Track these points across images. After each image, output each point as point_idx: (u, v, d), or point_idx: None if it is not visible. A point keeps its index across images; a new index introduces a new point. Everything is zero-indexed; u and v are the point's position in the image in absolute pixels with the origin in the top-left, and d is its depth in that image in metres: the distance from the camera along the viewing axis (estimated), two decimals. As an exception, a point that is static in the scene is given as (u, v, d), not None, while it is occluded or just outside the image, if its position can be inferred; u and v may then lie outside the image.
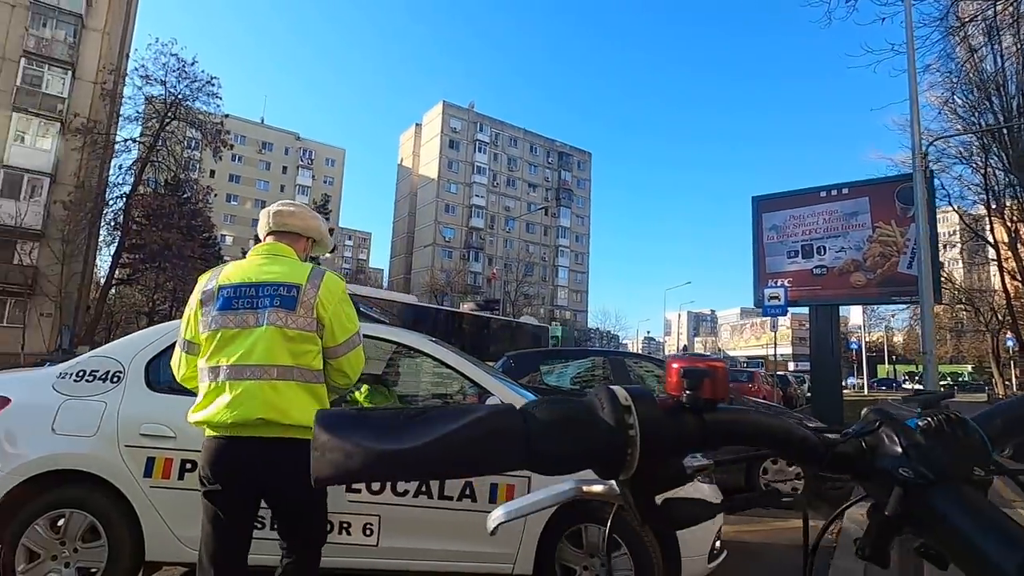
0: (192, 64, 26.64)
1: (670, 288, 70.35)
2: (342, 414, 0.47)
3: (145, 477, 2.65)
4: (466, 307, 22.54)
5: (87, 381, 2.82)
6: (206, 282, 2.05)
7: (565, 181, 70.67)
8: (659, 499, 0.56)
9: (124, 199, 26.62)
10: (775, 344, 12.93)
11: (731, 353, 75.45)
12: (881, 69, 25.52)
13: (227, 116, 29.37)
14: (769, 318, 13.40)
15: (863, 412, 0.55)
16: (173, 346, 2.91)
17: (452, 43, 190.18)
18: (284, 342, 1.90)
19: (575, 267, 70.86)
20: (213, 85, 27.12)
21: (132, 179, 26.80)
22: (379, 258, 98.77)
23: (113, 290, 30.36)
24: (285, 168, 69.30)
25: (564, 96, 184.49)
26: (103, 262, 29.29)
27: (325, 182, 70.78)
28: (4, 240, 25.31)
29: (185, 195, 32.21)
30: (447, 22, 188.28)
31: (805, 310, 12.89)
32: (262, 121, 69.89)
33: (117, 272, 27.63)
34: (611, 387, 0.50)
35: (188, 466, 2.66)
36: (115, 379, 2.83)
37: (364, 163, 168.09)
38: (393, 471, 0.52)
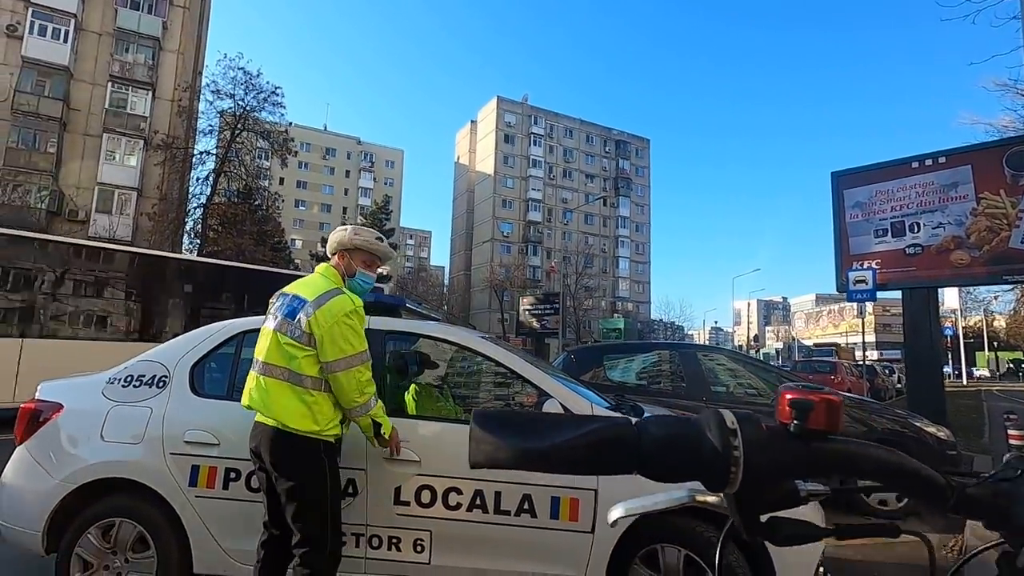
0: (257, 76, 27.91)
1: (738, 276, 67.33)
2: (493, 415, 0.61)
3: (190, 486, 2.54)
4: (525, 300, 22.24)
5: (134, 386, 2.75)
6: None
7: (623, 170, 68.94)
8: (765, 517, 0.60)
9: (202, 208, 28.27)
10: (863, 332, 11.84)
11: (805, 342, 71.30)
12: (981, 19, 22.93)
13: (291, 124, 30.60)
14: (855, 304, 12.31)
15: (1005, 458, 0.54)
16: (217, 349, 2.81)
17: (508, 35, 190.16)
18: (279, 345, 2.21)
19: (636, 257, 69.09)
20: (277, 95, 28.32)
21: (208, 189, 28.38)
22: (440, 256, 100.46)
23: (195, 295, 32.30)
24: (348, 172, 71.70)
25: (621, 80, 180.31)
26: (186, 269, 31.27)
27: (386, 184, 72.68)
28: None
29: (256, 202, 33.84)
30: (503, 14, 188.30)
31: (894, 294, 11.72)
32: (325, 128, 72.61)
33: (198, 277, 29.33)
34: (720, 411, 0.58)
35: (232, 475, 2.53)
36: (161, 384, 2.75)
37: (423, 163, 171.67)
38: (531, 463, 0.60)
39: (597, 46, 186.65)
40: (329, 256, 2.48)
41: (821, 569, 2.52)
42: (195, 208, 28.18)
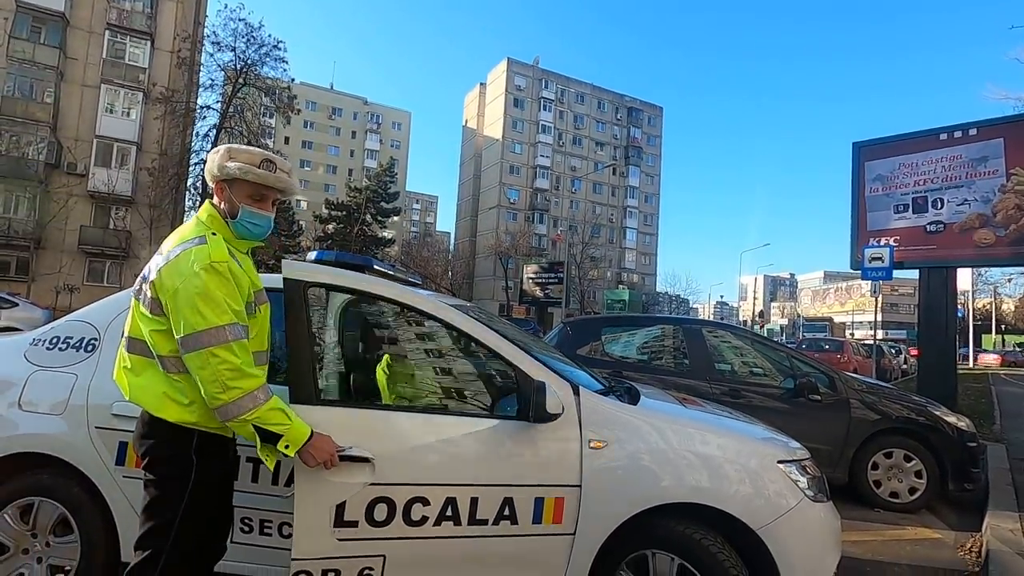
0: (259, 28, 26.97)
1: (746, 250, 66.34)
2: None
3: (118, 465, 2.23)
4: (529, 269, 21.72)
5: (60, 349, 2.42)
6: None
7: (634, 138, 67.38)
8: None
9: (203, 164, 27.74)
10: (876, 311, 11.42)
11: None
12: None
13: (293, 81, 29.63)
14: (864, 282, 11.86)
15: None
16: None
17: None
18: (137, 314, 1.76)
19: (644, 229, 68.16)
20: (279, 49, 27.38)
21: (209, 146, 27.73)
22: (446, 221, 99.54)
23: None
24: (354, 133, 70.48)
25: (635, 43, 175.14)
26: (187, 226, 30.92)
27: (392, 146, 71.52)
28: (100, 206, 27.21)
29: (259, 161, 33.19)
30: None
31: (908, 274, 11.26)
32: (331, 87, 71.10)
33: (199, 236, 29.04)
34: None
35: (164, 454, 2.20)
36: (89, 348, 2.41)
37: (431, 126, 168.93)
38: None
39: (610, 6, 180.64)
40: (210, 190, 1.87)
41: (835, 582, 2.21)
42: (196, 164, 27.58)
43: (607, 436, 2.12)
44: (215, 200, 1.84)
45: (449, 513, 1.96)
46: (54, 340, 2.45)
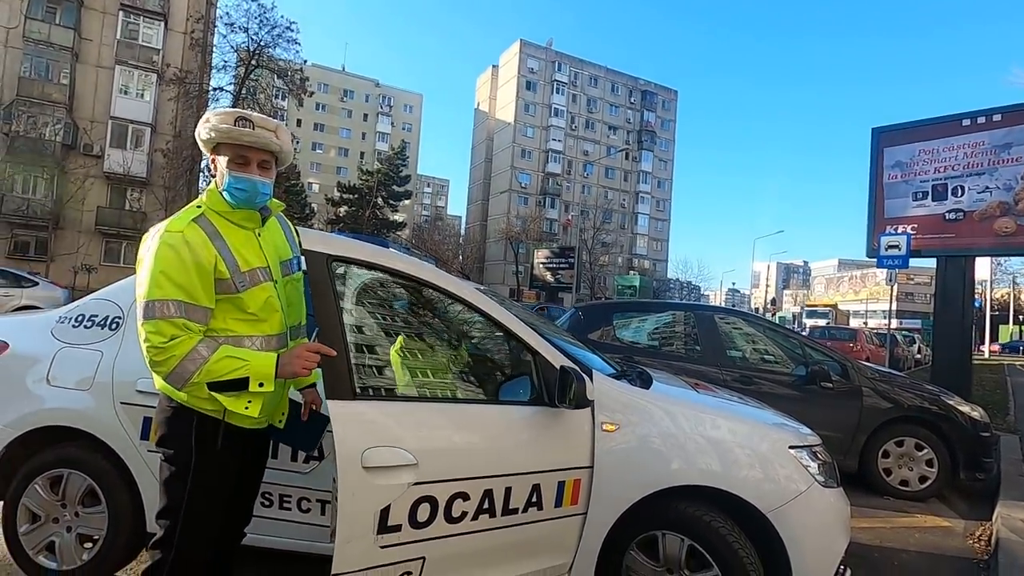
0: (272, 9, 26.88)
1: (760, 237, 65.52)
2: None
3: (142, 440, 2.29)
4: (540, 254, 21.69)
5: (85, 327, 2.48)
6: None
7: (648, 122, 66.51)
8: None
9: (216, 147, 27.82)
10: (891, 300, 11.29)
11: (819, 309, 70.12)
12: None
13: (305, 62, 29.53)
14: (879, 270, 11.71)
15: None
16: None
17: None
18: None
19: (656, 214, 67.59)
20: (292, 30, 27.26)
21: (223, 128, 27.82)
22: (457, 206, 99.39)
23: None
24: (366, 116, 70.24)
25: (650, 24, 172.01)
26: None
27: (404, 128, 71.21)
28: (116, 187, 27.51)
29: (271, 143, 33.24)
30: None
31: (924, 262, 11.08)
32: (343, 69, 70.70)
33: (213, 218, 29.29)
34: None
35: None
36: (114, 326, 2.47)
37: (443, 109, 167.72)
38: None
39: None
40: None
41: (842, 567, 2.24)
42: (210, 147, 27.66)
43: (619, 419, 2.14)
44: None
45: (486, 506, 1.90)
46: (79, 318, 2.51)
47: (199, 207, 1.68)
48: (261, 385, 1.56)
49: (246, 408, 1.58)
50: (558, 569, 2.12)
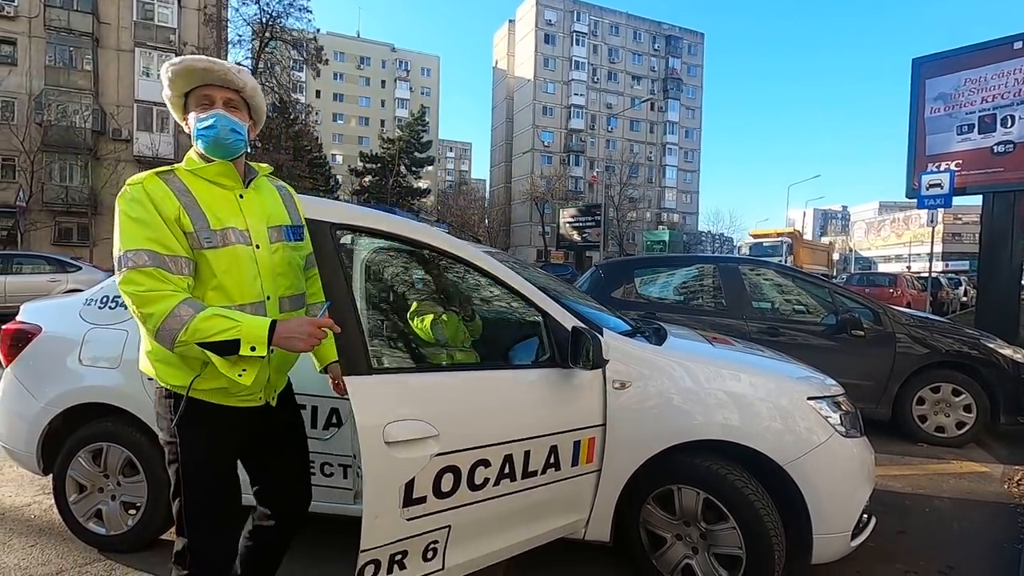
0: (280, -23, 26.37)
1: (795, 183, 62.82)
2: None
3: (171, 413, 2.39)
4: (566, 213, 21.39)
5: (110, 308, 2.57)
6: None
7: (674, 69, 63.85)
8: None
9: (238, 123, 28.05)
10: (932, 242, 10.77)
11: (864, 254, 67.76)
12: None
13: (319, 31, 29.20)
14: (923, 212, 11.14)
15: None
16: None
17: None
18: None
19: (684, 166, 65.63)
20: (302, -2, 26.82)
21: (243, 104, 27.96)
22: (481, 169, 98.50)
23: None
24: (383, 82, 69.46)
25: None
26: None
27: (423, 93, 70.26)
28: (147, 170, 28.07)
29: (292, 116, 33.35)
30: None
31: (969, 200, 10.49)
32: (358, 35, 69.66)
33: (241, 194, 29.82)
34: None
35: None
36: (136, 306, 2.55)
37: (461, 70, 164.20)
38: None
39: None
40: None
41: (865, 515, 2.21)
42: (231, 123, 27.90)
43: (630, 375, 2.13)
44: None
45: (507, 470, 1.90)
46: (104, 299, 2.60)
47: (171, 168, 1.59)
48: (253, 349, 1.42)
49: (240, 376, 1.47)
50: (576, 525, 2.16)
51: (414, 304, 2.45)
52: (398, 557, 1.74)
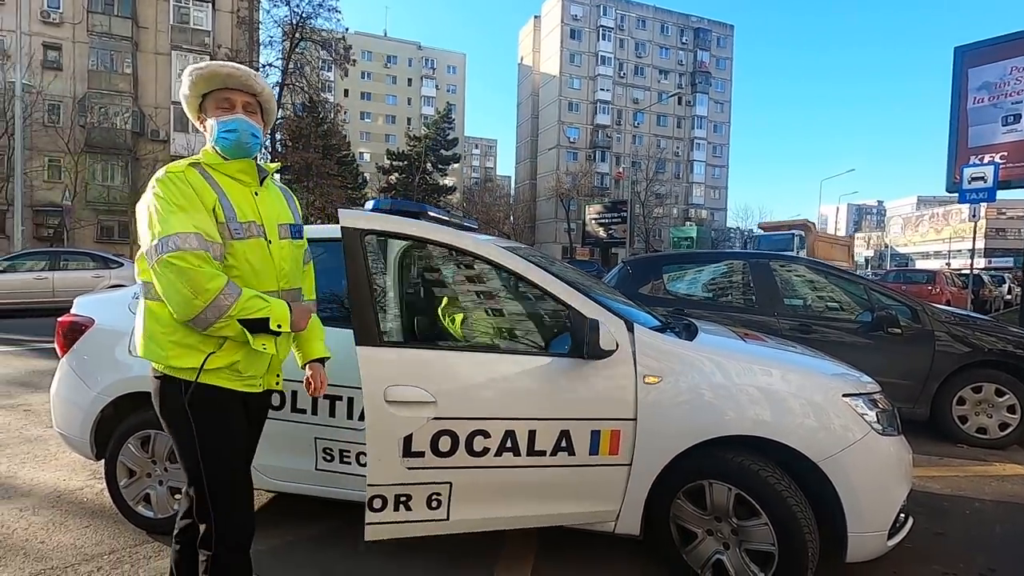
0: (310, -22, 26.83)
1: (827, 178, 61.26)
2: None
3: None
4: (592, 209, 21.28)
5: (157, 302, 2.68)
6: None
7: (702, 63, 62.77)
8: None
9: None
10: (974, 238, 10.38)
11: (901, 250, 65.55)
12: None
13: (347, 31, 29.62)
14: (964, 206, 10.75)
15: None
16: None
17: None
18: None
19: (712, 161, 64.52)
20: (331, -1, 27.23)
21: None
22: (506, 165, 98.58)
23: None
24: (410, 80, 70.09)
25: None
26: (261, 185, 32.45)
27: (449, 91, 70.70)
28: (183, 170, 28.95)
29: (321, 115, 33.92)
30: None
31: (1016, 193, 10.09)
32: (385, 34, 70.45)
33: (272, 193, 30.49)
34: None
35: (255, 393, 2.44)
36: (181, 300, 2.66)
37: (487, 67, 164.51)
38: None
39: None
40: None
41: (903, 516, 2.18)
42: (263, 123, 28.54)
43: (662, 371, 2.13)
44: None
45: (509, 445, 2.07)
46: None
47: (198, 161, 1.66)
48: (279, 327, 1.59)
49: (263, 348, 1.62)
50: (606, 515, 2.19)
51: (444, 300, 2.55)
52: (403, 499, 2.03)
